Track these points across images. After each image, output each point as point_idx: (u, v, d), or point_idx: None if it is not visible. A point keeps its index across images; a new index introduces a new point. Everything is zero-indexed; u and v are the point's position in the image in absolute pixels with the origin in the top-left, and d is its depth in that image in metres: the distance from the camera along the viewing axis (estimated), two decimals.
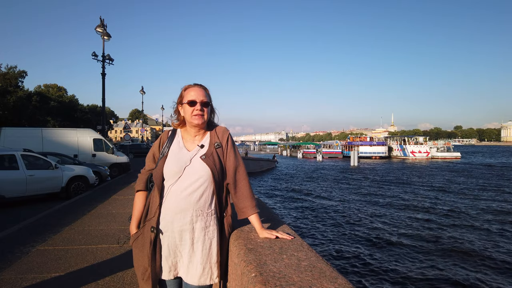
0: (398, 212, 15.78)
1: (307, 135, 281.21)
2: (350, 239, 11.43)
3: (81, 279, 3.56)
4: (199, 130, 1.78)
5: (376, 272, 8.64)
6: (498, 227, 12.91)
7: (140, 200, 1.80)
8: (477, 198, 19.65)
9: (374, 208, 16.57)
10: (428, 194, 21.23)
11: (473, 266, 9.06)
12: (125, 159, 16.91)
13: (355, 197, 20.17)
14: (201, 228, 1.63)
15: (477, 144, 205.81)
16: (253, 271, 1.28)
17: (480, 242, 11.06)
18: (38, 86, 57.62)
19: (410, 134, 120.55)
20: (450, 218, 14.50)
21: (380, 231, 12.36)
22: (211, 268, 1.64)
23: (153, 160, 1.81)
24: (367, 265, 9.09)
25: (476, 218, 14.43)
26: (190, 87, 1.77)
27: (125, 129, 28.65)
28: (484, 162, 52.02)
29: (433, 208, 16.49)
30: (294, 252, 1.50)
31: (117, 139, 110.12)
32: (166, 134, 1.84)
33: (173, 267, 1.65)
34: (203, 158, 1.68)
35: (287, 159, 64.12)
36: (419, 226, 13.20)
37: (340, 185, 25.41)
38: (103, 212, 7.05)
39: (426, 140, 64.15)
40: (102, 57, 17.99)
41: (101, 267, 3.95)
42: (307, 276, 1.22)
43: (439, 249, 10.34)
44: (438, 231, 12.45)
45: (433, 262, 9.31)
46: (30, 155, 9.49)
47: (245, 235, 1.75)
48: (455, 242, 11.00)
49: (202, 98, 1.73)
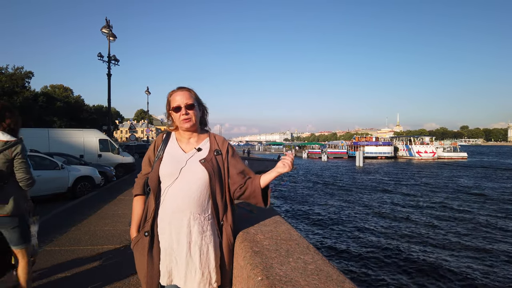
0: (407, 214, 15.67)
1: (312, 135, 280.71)
2: (356, 241, 11.37)
3: (88, 280, 3.58)
4: (192, 133, 1.78)
5: (384, 276, 8.58)
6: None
7: (139, 204, 1.80)
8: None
9: (382, 209, 16.47)
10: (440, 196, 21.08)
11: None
12: (131, 159, 16.98)
13: (361, 197, 20.06)
14: (198, 232, 1.61)
15: (483, 144, 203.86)
16: (260, 274, 1.27)
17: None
18: (44, 87, 58.03)
19: (416, 134, 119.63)
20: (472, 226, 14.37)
21: (389, 233, 12.29)
22: (210, 273, 1.62)
23: (148, 164, 1.80)
24: (375, 268, 9.03)
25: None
26: (174, 93, 1.76)
27: (131, 130, 28.86)
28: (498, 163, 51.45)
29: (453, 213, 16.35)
30: (301, 255, 1.49)
31: (122, 140, 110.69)
32: (161, 137, 1.83)
33: (168, 273, 1.62)
34: (202, 162, 1.67)
35: None
36: (429, 230, 13.10)
37: (346, 185, 25.29)
38: (109, 212, 7.09)
39: (432, 140, 63.65)
40: (108, 58, 18.08)
41: (107, 268, 3.97)
42: (313, 280, 1.21)
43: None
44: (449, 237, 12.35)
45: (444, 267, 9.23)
46: (36, 156, 9.56)
47: (251, 237, 1.74)
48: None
49: (187, 101, 1.72)
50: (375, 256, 9.75)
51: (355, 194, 21.20)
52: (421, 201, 18.65)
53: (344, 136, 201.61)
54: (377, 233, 12.13)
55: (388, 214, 15.37)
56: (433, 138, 66.70)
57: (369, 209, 16.50)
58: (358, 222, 13.77)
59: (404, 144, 63.35)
